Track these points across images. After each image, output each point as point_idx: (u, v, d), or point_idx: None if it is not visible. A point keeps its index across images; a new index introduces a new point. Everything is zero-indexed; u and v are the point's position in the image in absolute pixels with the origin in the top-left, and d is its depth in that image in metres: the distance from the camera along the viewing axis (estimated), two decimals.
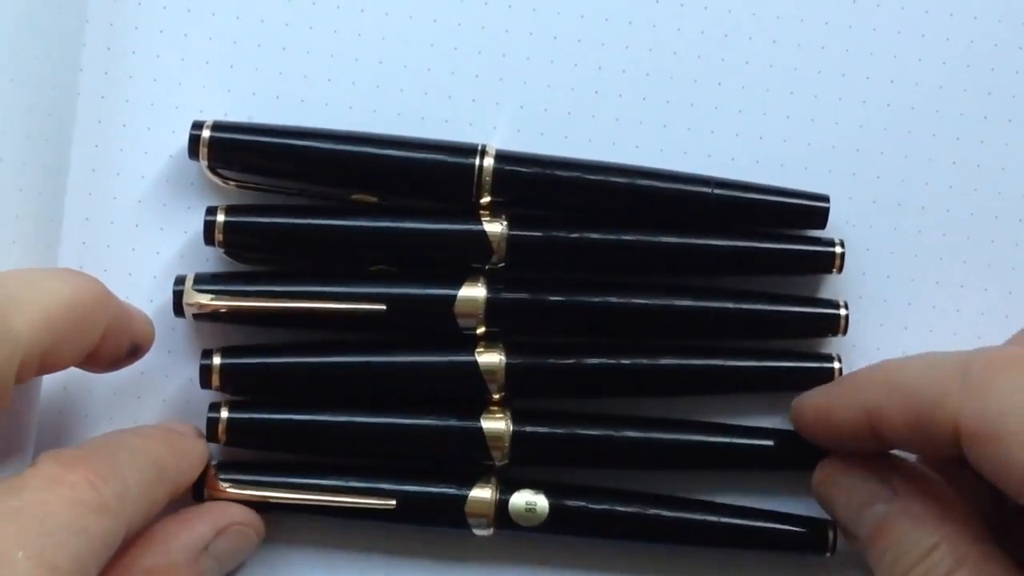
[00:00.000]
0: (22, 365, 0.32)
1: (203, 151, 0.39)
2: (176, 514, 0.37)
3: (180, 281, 0.39)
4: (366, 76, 0.42)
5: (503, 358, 0.39)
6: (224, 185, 0.40)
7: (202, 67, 0.41)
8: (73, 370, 0.37)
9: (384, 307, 0.39)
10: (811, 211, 0.40)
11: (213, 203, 0.40)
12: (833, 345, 0.41)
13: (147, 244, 0.41)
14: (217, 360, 0.39)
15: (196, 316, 0.39)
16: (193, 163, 0.40)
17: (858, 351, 0.42)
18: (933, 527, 0.34)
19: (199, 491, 0.39)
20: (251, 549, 0.39)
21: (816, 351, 0.41)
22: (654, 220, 0.40)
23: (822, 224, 0.41)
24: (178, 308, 0.39)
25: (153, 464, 0.35)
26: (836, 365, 0.40)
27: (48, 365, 0.34)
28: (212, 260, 0.41)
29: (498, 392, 0.40)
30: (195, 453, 0.38)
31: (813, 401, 0.39)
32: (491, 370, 0.39)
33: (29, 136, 0.40)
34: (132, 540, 0.34)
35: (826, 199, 0.41)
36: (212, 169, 0.40)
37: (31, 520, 0.30)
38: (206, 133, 0.39)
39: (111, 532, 0.32)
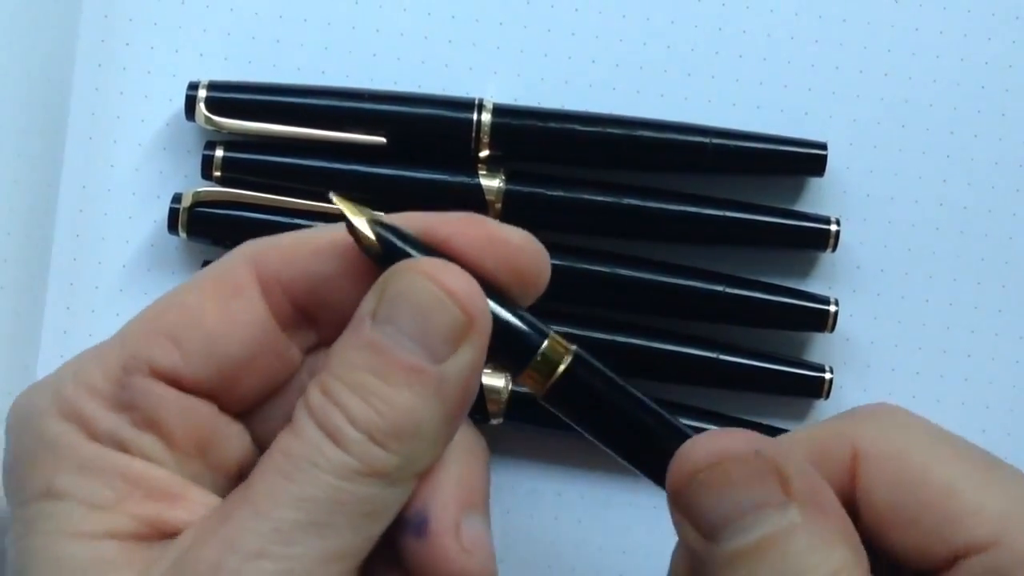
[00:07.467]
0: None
1: (200, 110, 0.40)
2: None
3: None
4: (363, 44, 0.42)
5: None
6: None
7: (199, 35, 0.41)
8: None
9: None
10: (809, 158, 0.41)
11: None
12: (827, 340, 0.41)
13: (143, 212, 0.41)
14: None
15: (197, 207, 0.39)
16: (190, 131, 0.40)
17: (852, 345, 0.42)
18: (837, 548, 0.27)
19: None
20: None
21: (808, 360, 0.41)
22: (653, 169, 0.41)
23: (820, 171, 0.41)
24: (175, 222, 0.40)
25: None
26: (827, 376, 0.41)
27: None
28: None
29: None
30: None
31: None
32: None
33: (26, 102, 0.40)
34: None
35: (824, 146, 0.41)
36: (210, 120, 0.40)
37: None
38: (202, 93, 0.39)
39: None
